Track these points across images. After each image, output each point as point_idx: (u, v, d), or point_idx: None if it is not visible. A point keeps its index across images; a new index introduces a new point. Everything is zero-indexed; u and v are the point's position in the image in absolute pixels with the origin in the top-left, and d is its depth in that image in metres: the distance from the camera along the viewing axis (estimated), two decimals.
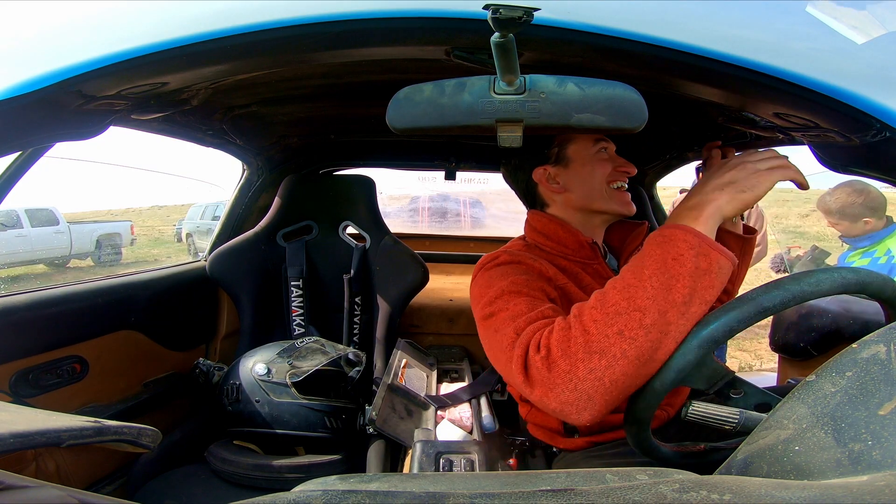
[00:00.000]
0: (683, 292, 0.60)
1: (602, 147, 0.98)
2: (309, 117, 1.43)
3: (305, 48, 0.67)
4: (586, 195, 0.97)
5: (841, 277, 0.59)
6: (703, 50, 0.63)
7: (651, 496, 0.33)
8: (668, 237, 0.64)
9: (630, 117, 0.59)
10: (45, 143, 0.83)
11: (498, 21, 0.45)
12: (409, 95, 0.60)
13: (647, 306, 0.60)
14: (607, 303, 0.63)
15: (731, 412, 0.63)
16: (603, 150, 0.98)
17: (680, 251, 0.62)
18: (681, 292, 0.60)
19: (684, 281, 0.61)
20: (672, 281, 0.61)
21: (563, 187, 0.97)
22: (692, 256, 0.62)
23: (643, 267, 0.63)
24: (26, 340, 1.06)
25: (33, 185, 1.84)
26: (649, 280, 0.62)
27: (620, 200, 0.97)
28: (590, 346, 0.62)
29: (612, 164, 0.97)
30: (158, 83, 0.74)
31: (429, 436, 1.07)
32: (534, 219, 1.01)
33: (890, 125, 0.66)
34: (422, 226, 4.92)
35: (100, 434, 0.46)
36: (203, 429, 1.31)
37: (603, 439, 0.98)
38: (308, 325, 1.57)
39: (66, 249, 7.81)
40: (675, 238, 0.64)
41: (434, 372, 1.53)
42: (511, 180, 1.07)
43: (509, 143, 0.61)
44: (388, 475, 0.41)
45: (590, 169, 0.96)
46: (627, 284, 0.63)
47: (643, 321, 0.60)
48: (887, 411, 0.37)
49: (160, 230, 10.42)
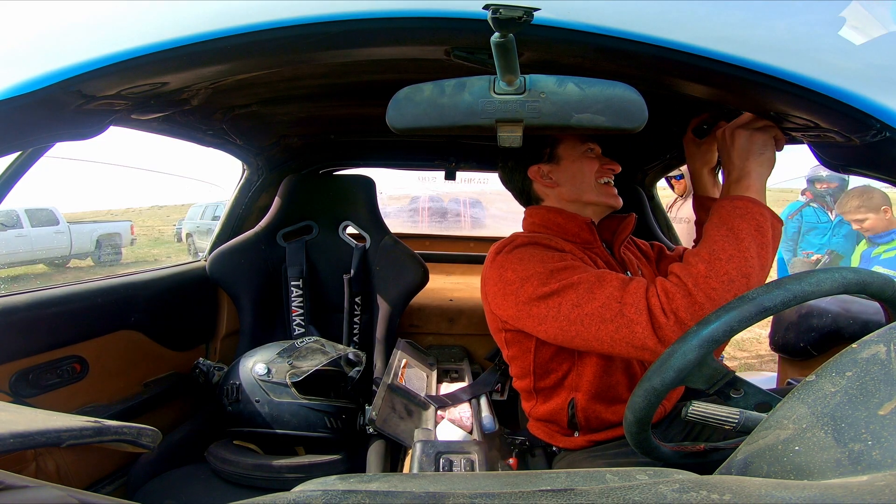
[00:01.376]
0: (768, 257, 0.78)
1: (589, 147, 1.05)
2: (309, 117, 1.43)
3: (305, 48, 0.67)
4: (577, 188, 1.03)
5: (841, 277, 0.59)
6: (703, 50, 0.63)
7: (651, 496, 0.33)
8: (748, 210, 0.79)
9: (630, 117, 0.59)
10: (45, 143, 0.83)
11: (498, 21, 0.45)
12: (409, 95, 0.60)
13: (750, 272, 0.75)
14: (720, 272, 0.75)
15: (731, 412, 0.63)
16: (590, 150, 1.05)
17: (759, 222, 0.78)
18: (767, 257, 0.77)
19: (768, 247, 0.78)
20: (762, 249, 0.77)
21: (556, 182, 1.03)
22: (768, 227, 0.79)
23: (739, 239, 0.77)
24: (26, 340, 1.06)
25: (33, 185, 1.84)
26: (748, 250, 0.76)
27: (608, 193, 1.04)
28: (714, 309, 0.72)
29: (598, 162, 1.04)
30: (158, 83, 0.73)
31: (429, 436, 1.07)
32: (532, 213, 1.07)
33: (890, 125, 0.66)
34: (422, 226, 4.93)
35: (100, 434, 0.46)
36: (203, 429, 1.31)
37: (602, 437, 0.98)
38: (308, 325, 1.57)
39: (66, 249, 7.81)
40: (752, 210, 0.79)
41: (434, 372, 1.53)
42: (507, 181, 1.12)
43: (509, 143, 0.61)
44: (388, 475, 0.41)
45: (579, 165, 1.03)
46: (731, 255, 0.76)
47: (749, 285, 0.73)
48: (887, 411, 0.37)
49: (160, 230, 10.43)
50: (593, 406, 0.97)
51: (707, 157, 1.10)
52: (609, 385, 0.96)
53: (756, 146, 0.84)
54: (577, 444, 1.00)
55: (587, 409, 0.97)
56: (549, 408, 1.01)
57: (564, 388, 0.99)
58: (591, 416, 0.97)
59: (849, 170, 0.82)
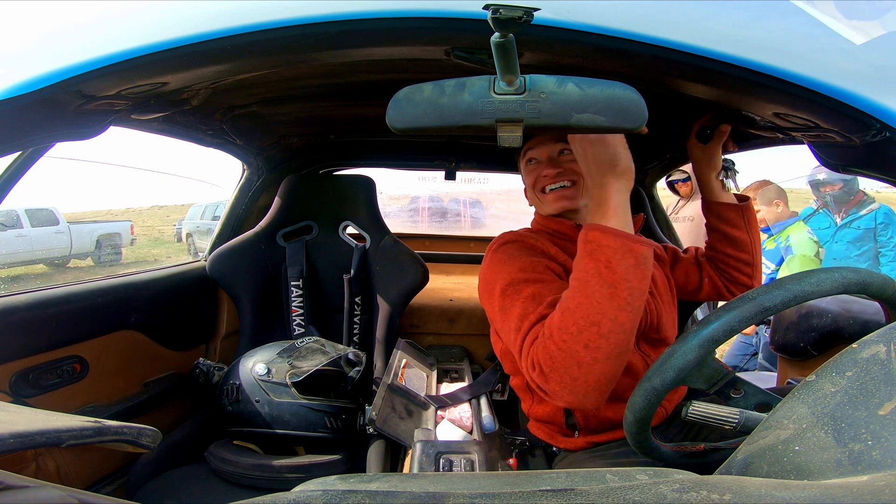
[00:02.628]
0: (624, 294, 0.68)
1: (529, 158, 1.05)
2: (309, 117, 1.43)
3: (305, 48, 0.67)
4: (531, 200, 1.08)
5: (842, 277, 0.59)
6: (703, 50, 0.63)
7: (651, 496, 0.33)
8: (595, 244, 0.71)
9: (630, 117, 0.59)
10: (45, 143, 0.83)
11: (498, 21, 0.45)
12: (409, 95, 0.60)
13: (599, 319, 0.68)
14: (568, 322, 0.70)
15: (731, 412, 0.63)
16: (531, 160, 1.05)
17: (608, 258, 0.69)
18: (622, 295, 0.68)
19: (622, 284, 0.69)
20: (612, 289, 0.68)
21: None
22: (620, 259, 0.69)
23: (586, 283, 0.70)
24: (26, 340, 1.06)
25: (33, 185, 1.84)
26: (593, 295, 0.69)
27: (549, 201, 1.03)
28: (567, 361, 0.70)
29: (537, 172, 1.03)
30: (158, 83, 0.73)
31: (429, 436, 1.07)
32: (535, 214, 1.12)
33: (890, 125, 0.66)
34: (421, 226, 4.93)
35: (100, 434, 0.46)
36: (203, 429, 1.31)
37: (603, 439, 0.98)
38: (308, 325, 1.57)
39: (66, 249, 7.81)
40: (600, 244, 0.70)
41: (434, 372, 1.53)
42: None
43: (509, 144, 0.61)
44: (388, 475, 0.41)
45: (525, 178, 1.07)
46: (579, 303, 0.70)
47: (601, 331, 0.68)
48: (887, 411, 0.37)
49: (160, 230, 10.42)
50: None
51: (713, 162, 1.09)
52: None
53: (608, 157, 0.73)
54: (578, 445, 1.00)
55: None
56: (547, 408, 1.01)
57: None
58: (590, 416, 0.97)
59: (849, 170, 0.82)
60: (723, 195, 1.12)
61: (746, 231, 1.12)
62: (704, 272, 1.17)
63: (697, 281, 1.17)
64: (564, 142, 1.02)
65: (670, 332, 1.03)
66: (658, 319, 0.99)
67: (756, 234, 1.14)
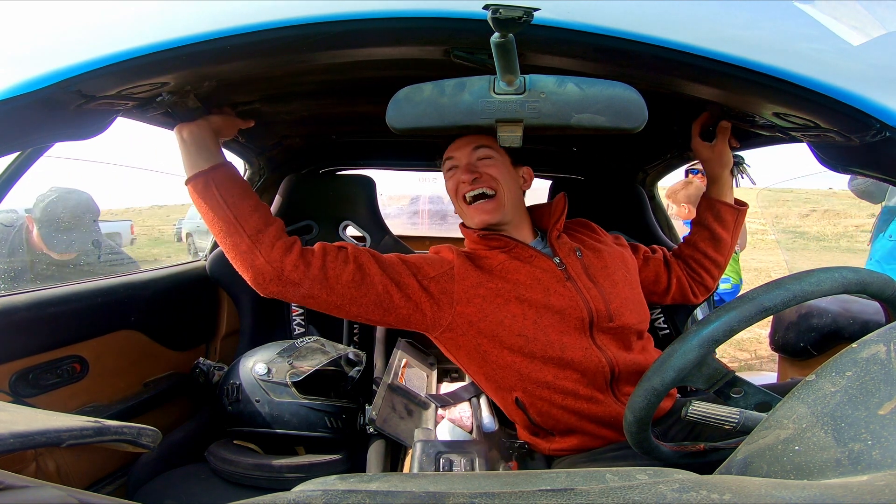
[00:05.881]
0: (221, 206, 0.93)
1: (451, 166, 1.00)
2: (310, 116, 1.43)
3: (305, 48, 0.67)
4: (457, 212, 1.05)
5: (841, 277, 0.59)
6: (703, 50, 0.63)
7: (651, 496, 0.33)
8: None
9: (630, 117, 0.59)
10: (45, 142, 0.83)
11: (498, 21, 0.45)
12: (409, 95, 0.60)
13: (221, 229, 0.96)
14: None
15: (731, 412, 0.63)
16: (452, 167, 1.00)
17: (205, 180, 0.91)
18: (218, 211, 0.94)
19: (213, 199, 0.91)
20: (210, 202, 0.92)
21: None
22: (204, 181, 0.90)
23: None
24: (26, 340, 1.06)
25: (33, 185, 1.83)
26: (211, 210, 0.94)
27: (471, 214, 0.99)
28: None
29: (457, 179, 0.98)
30: (158, 83, 0.73)
31: (429, 435, 1.07)
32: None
33: (890, 125, 0.66)
34: (422, 227, 4.91)
35: (100, 434, 0.46)
36: (203, 429, 1.31)
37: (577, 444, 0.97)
38: (308, 325, 1.57)
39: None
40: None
41: (434, 371, 1.53)
42: None
43: (509, 143, 0.61)
44: (388, 475, 0.41)
45: (447, 187, 1.03)
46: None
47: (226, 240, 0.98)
48: (887, 411, 0.37)
49: (160, 230, 10.40)
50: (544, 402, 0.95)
51: (724, 159, 1.09)
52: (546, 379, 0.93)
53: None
54: (556, 449, 0.99)
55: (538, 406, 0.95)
56: (508, 410, 1.01)
57: (501, 388, 1.00)
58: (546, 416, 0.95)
59: (849, 170, 0.82)
60: (729, 195, 1.13)
61: (731, 235, 1.14)
62: (673, 273, 1.17)
63: (666, 282, 1.16)
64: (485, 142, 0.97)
65: (630, 317, 0.98)
66: (606, 306, 0.95)
67: (735, 239, 1.15)
